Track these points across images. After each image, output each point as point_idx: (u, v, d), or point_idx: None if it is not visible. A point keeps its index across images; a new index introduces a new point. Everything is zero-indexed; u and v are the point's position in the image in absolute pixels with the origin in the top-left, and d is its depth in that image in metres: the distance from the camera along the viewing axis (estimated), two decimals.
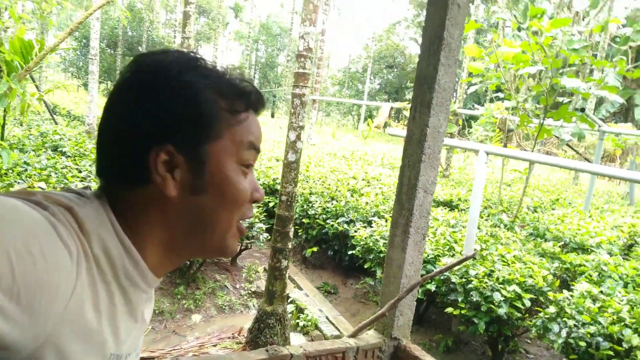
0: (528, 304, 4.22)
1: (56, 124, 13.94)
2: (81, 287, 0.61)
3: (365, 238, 5.59)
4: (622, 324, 3.63)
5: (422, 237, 2.64)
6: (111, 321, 0.68)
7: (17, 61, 5.79)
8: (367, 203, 6.89)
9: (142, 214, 0.72)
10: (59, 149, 9.15)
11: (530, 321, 4.21)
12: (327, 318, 5.50)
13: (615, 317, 3.71)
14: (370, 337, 2.76)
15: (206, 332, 5.18)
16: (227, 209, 0.73)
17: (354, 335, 2.73)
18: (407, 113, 11.35)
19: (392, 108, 11.67)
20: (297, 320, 5.37)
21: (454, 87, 2.49)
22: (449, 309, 4.52)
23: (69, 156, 8.55)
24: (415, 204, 2.56)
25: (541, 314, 3.99)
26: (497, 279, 4.39)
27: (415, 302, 2.84)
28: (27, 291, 0.52)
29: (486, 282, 4.33)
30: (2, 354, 0.54)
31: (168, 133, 0.69)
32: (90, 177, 7.03)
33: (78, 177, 6.76)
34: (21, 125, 11.28)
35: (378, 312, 2.69)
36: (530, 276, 4.45)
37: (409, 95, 28.46)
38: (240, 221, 0.77)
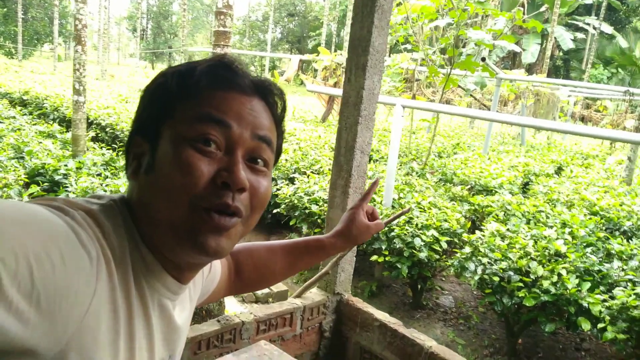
0: (445, 246, 4.56)
1: None
2: (101, 291, 0.61)
3: (290, 196, 5.66)
4: (529, 257, 4.05)
5: (359, 195, 2.74)
6: (130, 327, 0.68)
7: None
8: (286, 160, 6.94)
9: (135, 210, 0.72)
10: None
11: (447, 262, 4.57)
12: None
13: (522, 252, 4.12)
14: (315, 295, 2.86)
15: None
16: (168, 186, 0.67)
17: (299, 295, 2.83)
18: (315, 65, 11.36)
19: (301, 60, 11.60)
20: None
21: (386, 48, 2.54)
22: (374, 257, 4.76)
23: None
24: (354, 165, 2.64)
25: (458, 255, 4.34)
26: (417, 225, 4.67)
27: (355, 258, 2.97)
28: (47, 296, 0.52)
29: (407, 229, 4.60)
30: (24, 358, 0.53)
31: (137, 126, 0.74)
32: None
33: None
34: None
35: (321, 271, 2.79)
36: (445, 220, 4.78)
37: (312, 45, 28.29)
38: (212, 211, 0.68)
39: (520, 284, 3.85)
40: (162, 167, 0.68)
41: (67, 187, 5.64)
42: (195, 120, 0.68)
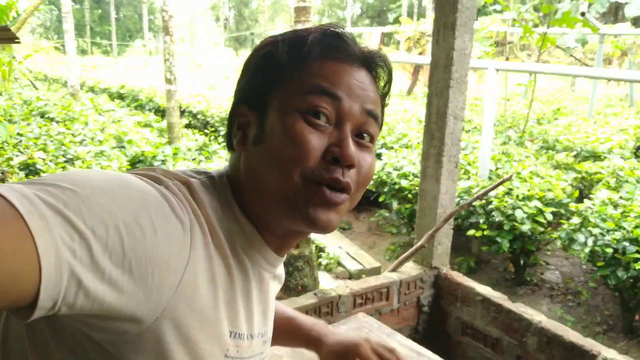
0: (550, 217, 4.24)
1: (36, 89, 13.53)
2: (195, 260, 0.60)
3: (378, 172, 5.54)
4: None
5: (454, 165, 2.59)
6: (230, 298, 0.67)
7: None
8: None
9: (240, 180, 0.72)
10: (46, 116, 8.91)
11: (553, 234, 4.26)
12: (347, 254, 5.56)
13: (638, 220, 3.74)
14: (411, 269, 2.77)
15: None
16: (279, 158, 0.66)
17: (394, 269, 2.74)
18: (398, 37, 11.02)
19: (382, 34, 11.31)
20: (319, 260, 5.42)
21: (477, 5, 2.35)
22: (471, 232, 4.55)
23: (58, 121, 8.33)
24: (447, 132, 2.49)
25: (565, 226, 4.02)
26: (517, 196, 4.39)
27: (452, 232, 2.83)
28: (139, 264, 0.52)
29: (506, 201, 4.33)
30: (125, 325, 0.55)
31: (243, 95, 0.72)
32: (85, 140, 6.87)
33: (75, 142, 6.60)
34: (1, 95, 10.94)
35: (417, 245, 2.68)
36: (549, 190, 4.45)
37: (392, 17, 27.60)
38: (323, 186, 0.66)
39: (637, 256, 3.50)
40: (272, 138, 0.67)
41: None
42: (306, 91, 0.67)
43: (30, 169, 5.17)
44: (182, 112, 9.70)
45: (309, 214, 0.66)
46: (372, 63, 0.73)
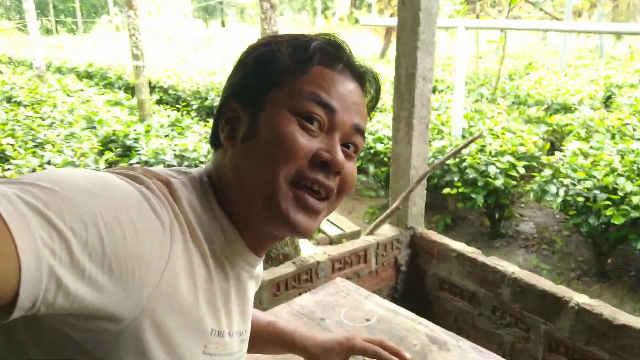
0: (522, 171, 4.33)
1: (1, 73, 13.09)
2: (175, 259, 0.60)
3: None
4: (615, 174, 3.77)
5: (425, 126, 2.61)
6: (209, 296, 0.68)
7: None
8: None
9: (224, 178, 0.72)
10: (12, 100, 8.65)
11: (526, 187, 4.35)
12: (327, 219, 5.60)
13: (608, 168, 3.84)
14: (387, 231, 2.81)
15: None
16: (267, 157, 0.67)
17: (371, 232, 2.78)
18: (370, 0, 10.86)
19: None
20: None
21: None
22: (446, 190, 4.62)
23: (26, 105, 8.10)
24: (416, 94, 2.50)
25: (537, 178, 4.11)
26: (490, 152, 4.46)
27: (426, 192, 2.87)
28: (119, 264, 0.52)
29: (480, 158, 4.40)
30: (105, 324, 0.55)
31: (235, 91, 0.73)
32: (54, 123, 6.72)
33: (43, 126, 6.45)
34: None
35: (392, 207, 2.72)
36: (521, 144, 4.52)
37: None
38: (306, 192, 0.68)
39: (608, 202, 3.60)
40: (263, 136, 0.67)
41: (138, 150, 5.85)
42: (304, 97, 0.68)
43: None
44: (153, 88, 9.50)
45: (290, 218, 0.67)
46: (364, 78, 0.76)
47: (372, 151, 5.26)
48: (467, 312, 2.59)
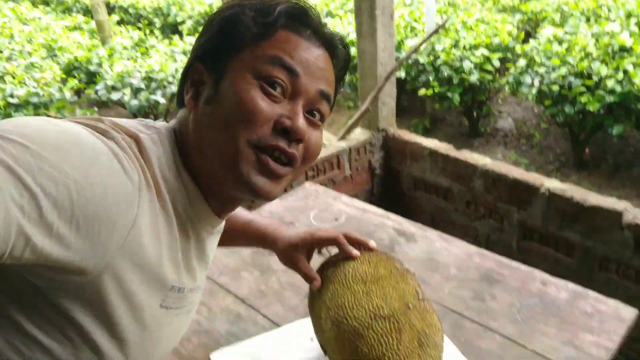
0: (497, 64, 4.23)
1: None
2: (141, 218, 0.61)
3: None
4: (590, 58, 3.69)
5: (389, 17, 2.48)
6: (172, 254, 0.70)
7: None
8: None
9: (187, 138, 0.72)
10: None
11: (502, 80, 4.27)
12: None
13: (583, 53, 3.76)
14: (359, 135, 2.77)
15: None
16: (228, 120, 0.66)
17: (343, 137, 2.73)
18: None
19: None
20: None
21: None
22: (422, 91, 4.54)
23: None
24: None
25: (512, 70, 4.03)
26: (464, 47, 4.33)
27: (396, 90, 2.80)
28: (86, 222, 0.53)
29: (454, 54, 4.27)
30: (68, 276, 0.57)
31: (201, 53, 0.72)
32: (13, 54, 6.39)
33: (2, 58, 6.13)
34: None
35: (361, 109, 2.65)
36: (495, 35, 4.39)
37: None
38: (263, 154, 0.67)
39: (583, 89, 3.56)
40: (225, 100, 0.67)
41: (103, 75, 5.62)
42: (266, 61, 0.67)
43: None
44: (112, 9, 9.00)
45: (251, 181, 0.67)
46: (333, 45, 0.74)
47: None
48: (443, 209, 2.62)
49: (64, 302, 0.60)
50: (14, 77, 5.28)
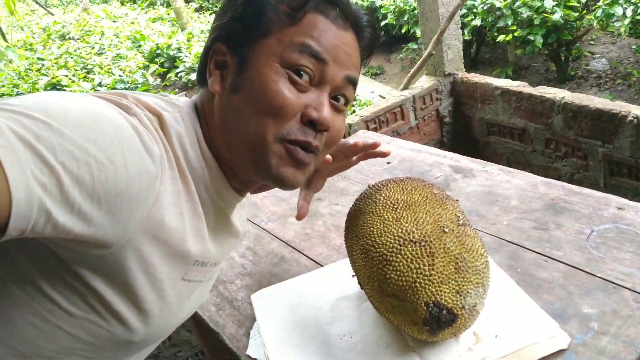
0: None
1: (52, 14, 13.37)
2: (164, 195, 0.61)
3: (394, 1, 5.15)
4: None
5: None
6: (196, 230, 0.69)
7: None
8: None
9: (211, 120, 0.71)
10: (66, 37, 8.86)
11: (590, 15, 3.87)
12: (380, 96, 5.40)
13: None
14: (423, 82, 2.63)
15: None
16: (255, 112, 0.65)
17: (406, 87, 2.61)
18: None
19: None
20: (352, 109, 5.33)
21: None
22: (501, 37, 4.23)
23: (77, 39, 8.27)
24: None
25: (600, 3, 3.62)
26: None
27: (461, 31, 2.62)
28: (107, 198, 0.53)
29: None
30: (89, 249, 0.57)
31: (224, 33, 0.69)
32: (104, 51, 6.82)
33: (93, 53, 6.57)
34: (22, 30, 10.93)
35: (424, 54, 2.51)
36: None
37: None
38: (291, 145, 0.67)
39: None
40: (251, 91, 0.65)
41: (183, 59, 5.83)
42: (294, 49, 0.65)
43: (56, 88, 5.24)
44: None
45: (280, 174, 0.68)
46: (361, 27, 0.72)
47: (416, 11, 4.87)
48: (519, 151, 2.42)
49: (85, 272, 0.60)
50: (101, 68, 5.64)
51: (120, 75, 5.26)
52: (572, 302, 0.91)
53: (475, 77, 2.51)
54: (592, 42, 4.99)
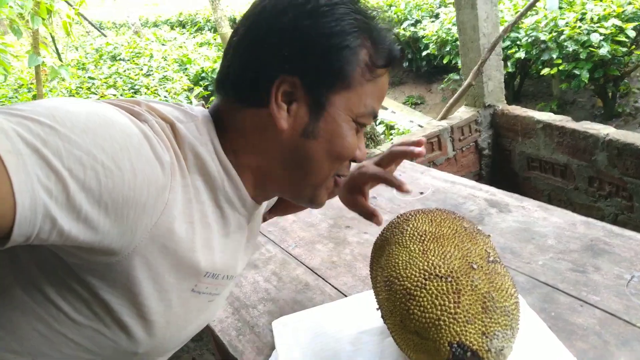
0: (632, 34, 3.72)
1: (105, 36, 13.99)
2: (174, 203, 0.60)
3: (437, 31, 5.15)
4: None
5: None
6: (207, 241, 0.68)
7: None
8: None
9: (247, 136, 0.69)
10: (117, 58, 9.23)
11: (639, 51, 3.76)
12: (419, 125, 5.37)
13: None
14: (462, 113, 2.59)
15: None
16: (329, 161, 0.70)
17: (444, 117, 2.58)
18: None
19: None
20: (390, 137, 5.30)
21: None
22: (545, 71, 4.15)
23: (127, 60, 8.60)
24: None
25: None
26: (591, 19, 3.88)
27: (502, 63, 2.58)
28: (115, 206, 0.52)
29: (579, 27, 3.85)
30: (95, 257, 0.56)
31: (300, 66, 0.65)
32: (151, 72, 7.06)
33: (140, 74, 6.80)
34: (77, 50, 11.46)
35: (464, 85, 2.48)
36: (629, 3, 3.87)
37: None
38: (336, 177, 0.74)
39: None
40: (329, 142, 0.68)
41: None
42: (368, 112, 0.69)
43: None
44: (235, 22, 9.57)
45: (319, 200, 0.75)
46: (395, 64, 0.72)
47: (458, 43, 4.85)
48: (561, 189, 2.34)
49: (92, 279, 0.60)
50: (147, 89, 5.82)
51: (165, 97, 5.42)
52: (607, 352, 0.85)
53: (517, 110, 2.46)
54: None
